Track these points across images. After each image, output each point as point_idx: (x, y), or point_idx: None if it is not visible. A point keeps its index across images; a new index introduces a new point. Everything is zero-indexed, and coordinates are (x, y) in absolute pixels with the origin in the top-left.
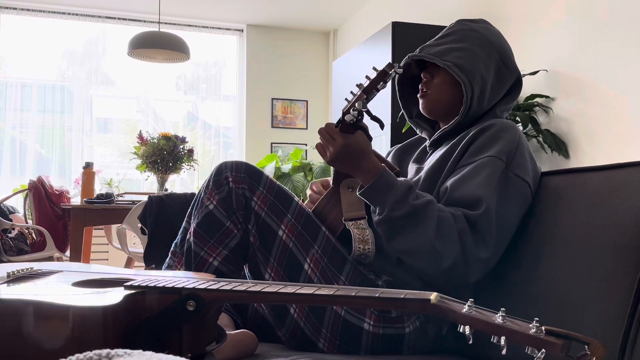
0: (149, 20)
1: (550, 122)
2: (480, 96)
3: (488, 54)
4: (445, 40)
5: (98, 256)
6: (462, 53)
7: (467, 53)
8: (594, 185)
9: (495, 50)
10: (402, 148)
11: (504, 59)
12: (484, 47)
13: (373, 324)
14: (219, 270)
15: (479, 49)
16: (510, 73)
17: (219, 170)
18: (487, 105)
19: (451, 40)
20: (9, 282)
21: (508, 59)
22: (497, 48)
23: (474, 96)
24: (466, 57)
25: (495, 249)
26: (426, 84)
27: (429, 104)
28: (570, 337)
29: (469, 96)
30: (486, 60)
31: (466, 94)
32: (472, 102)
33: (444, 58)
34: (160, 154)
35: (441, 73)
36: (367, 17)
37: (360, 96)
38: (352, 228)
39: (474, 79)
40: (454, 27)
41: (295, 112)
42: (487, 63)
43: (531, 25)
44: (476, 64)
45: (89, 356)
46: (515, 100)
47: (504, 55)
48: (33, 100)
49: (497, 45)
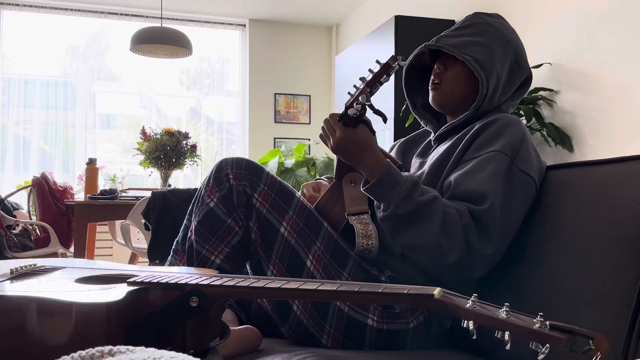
0: (152, 16)
1: (554, 116)
2: (492, 94)
3: (504, 52)
4: (463, 33)
5: (102, 252)
6: (481, 48)
7: (485, 48)
8: (599, 178)
9: (511, 48)
10: (407, 141)
11: (517, 58)
12: (501, 45)
13: (377, 319)
14: (220, 267)
15: (496, 46)
16: (521, 72)
17: (220, 167)
18: (497, 102)
19: (469, 33)
20: (12, 278)
21: (521, 58)
22: (512, 46)
23: (488, 93)
24: (485, 53)
25: (500, 245)
26: (439, 75)
27: (441, 97)
28: (575, 332)
29: (483, 93)
30: (502, 58)
31: (482, 90)
32: (485, 99)
33: (463, 51)
34: (163, 150)
35: (457, 66)
36: (369, 11)
37: (364, 90)
38: (355, 223)
39: (491, 76)
40: (471, 20)
41: (298, 107)
42: (503, 61)
43: (535, 19)
44: (494, 61)
45: (91, 353)
46: (521, 97)
47: (518, 54)
48: (36, 97)
49: (513, 44)
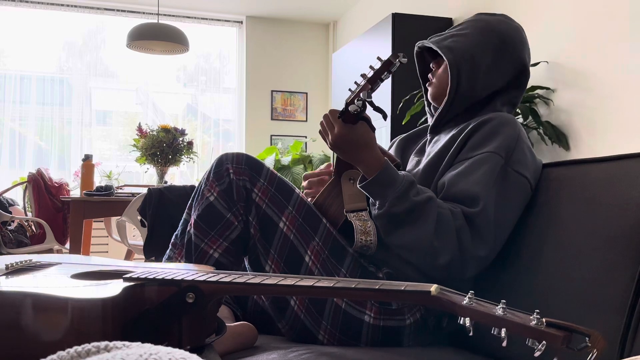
0: (148, 12)
1: (550, 114)
2: (470, 75)
3: (485, 37)
4: (452, 30)
5: (98, 249)
6: (460, 37)
7: (463, 37)
8: (595, 176)
9: (495, 34)
10: (407, 138)
11: (505, 44)
12: (482, 32)
13: (373, 316)
14: (219, 262)
15: (477, 34)
16: (511, 59)
17: (220, 162)
18: (482, 89)
19: (456, 29)
20: (7, 274)
21: (512, 46)
22: (497, 33)
23: (462, 74)
24: (460, 41)
25: (493, 246)
26: (433, 73)
27: (432, 91)
28: (571, 329)
29: (454, 74)
30: (482, 42)
31: (450, 71)
32: (459, 80)
33: (441, 43)
34: (159, 147)
35: (444, 60)
36: (367, 8)
37: (365, 86)
38: (354, 220)
39: (462, 58)
40: (467, 20)
41: (295, 104)
42: (483, 45)
43: (532, 17)
44: (468, 46)
45: (87, 348)
46: (519, 95)
47: (506, 41)
48: (32, 93)
49: (500, 31)
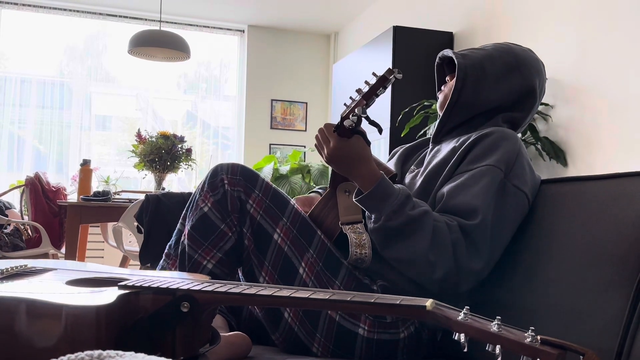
0: (150, 19)
1: (548, 130)
2: (476, 82)
3: (502, 54)
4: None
5: (93, 254)
6: (477, 51)
7: (481, 51)
8: (592, 194)
9: (513, 55)
10: (410, 148)
11: (519, 65)
12: (501, 50)
13: (368, 329)
14: (213, 273)
15: (495, 50)
16: (522, 78)
17: (215, 172)
18: (486, 100)
19: (480, 47)
20: (2, 279)
21: (526, 68)
22: (516, 54)
23: (468, 79)
24: (476, 52)
25: (489, 260)
26: (446, 84)
27: (440, 99)
28: (566, 347)
29: (460, 77)
30: (497, 56)
31: (457, 74)
32: (465, 84)
33: (458, 52)
34: (158, 153)
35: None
36: (368, 20)
37: (360, 102)
38: (349, 232)
39: (472, 65)
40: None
41: (294, 114)
42: (497, 59)
43: (531, 34)
44: (482, 57)
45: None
46: (522, 118)
47: (522, 63)
48: (32, 96)
49: (518, 54)
